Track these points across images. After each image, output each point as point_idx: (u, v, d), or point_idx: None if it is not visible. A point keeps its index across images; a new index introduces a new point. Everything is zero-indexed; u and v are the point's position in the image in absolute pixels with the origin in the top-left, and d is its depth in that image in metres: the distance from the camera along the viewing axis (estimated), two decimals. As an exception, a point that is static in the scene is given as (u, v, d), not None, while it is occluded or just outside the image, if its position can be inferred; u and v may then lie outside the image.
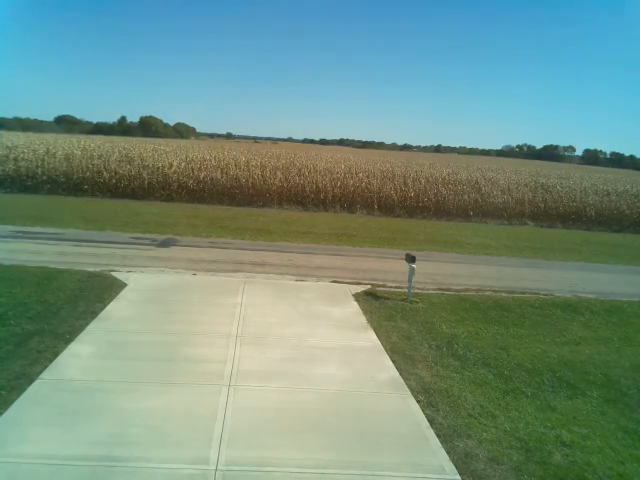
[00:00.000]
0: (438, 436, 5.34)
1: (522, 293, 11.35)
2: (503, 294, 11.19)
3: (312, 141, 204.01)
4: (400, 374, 6.74)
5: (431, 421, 5.63)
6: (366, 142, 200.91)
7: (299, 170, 26.91)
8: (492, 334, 8.68)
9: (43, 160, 24.67)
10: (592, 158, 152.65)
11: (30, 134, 46.08)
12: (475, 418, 5.81)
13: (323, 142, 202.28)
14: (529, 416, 5.98)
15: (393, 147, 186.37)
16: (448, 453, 5.05)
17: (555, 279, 13.17)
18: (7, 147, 27.47)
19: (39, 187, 23.15)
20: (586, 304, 10.85)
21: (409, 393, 6.24)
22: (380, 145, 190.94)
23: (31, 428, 4.95)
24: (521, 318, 9.64)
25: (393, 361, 7.14)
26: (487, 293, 11.19)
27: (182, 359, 6.67)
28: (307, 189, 24.56)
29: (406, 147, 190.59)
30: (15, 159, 24.71)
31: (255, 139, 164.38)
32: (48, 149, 27.53)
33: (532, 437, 5.51)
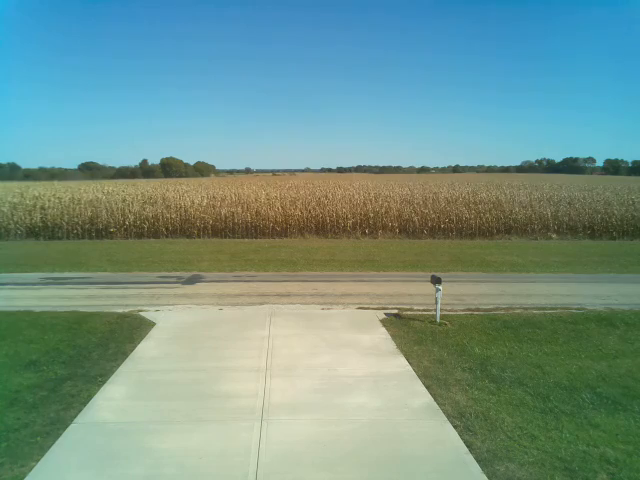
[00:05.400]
0: (478, 461, 5.19)
1: (553, 309, 11.11)
2: (534, 311, 10.97)
3: (329, 170, 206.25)
4: (434, 399, 6.62)
5: (470, 446, 5.48)
6: (383, 167, 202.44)
7: (318, 200, 27.13)
8: (525, 353, 8.49)
9: (69, 207, 25.33)
10: (613, 168, 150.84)
11: (55, 183, 47.55)
12: (515, 440, 5.65)
13: (340, 170, 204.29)
14: (570, 435, 5.79)
15: (410, 170, 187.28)
16: (489, 478, 4.90)
17: (586, 293, 12.88)
18: (34, 197, 28.37)
19: (66, 233, 23.74)
20: (621, 316, 10.55)
21: (445, 418, 6.11)
22: (397, 169, 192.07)
23: (68, 473, 4.98)
24: (554, 334, 9.42)
25: (426, 386, 7.02)
26: (517, 311, 10.99)
27: (213, 395, 6.65)
28: (327, 218, 24.68)
29: (424, 169, 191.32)
30: (42, 208, 25.44)
31: (273, 172, 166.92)
32: (73, 196, 28.35)
33: (575, 457, 5.32)
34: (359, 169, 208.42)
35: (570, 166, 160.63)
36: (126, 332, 9.29)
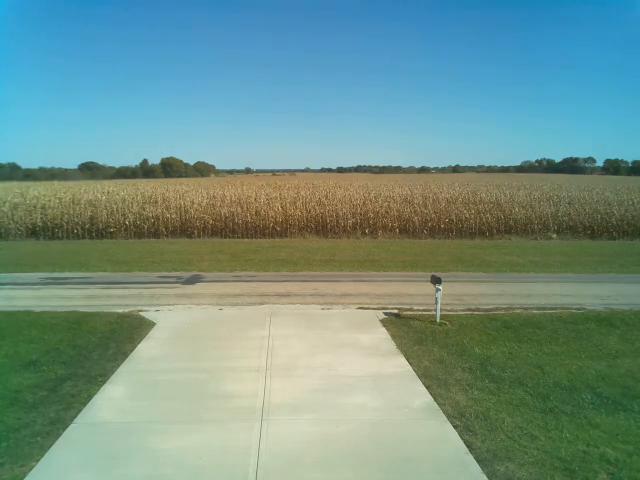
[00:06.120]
0: (478, 461, 5.19)
1: (553, 309, 11.11)
2: (534, 311, 10.97)
3: (329, 170, 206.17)
4: (434, 399, 6.61)
5: (469, 446, 5.48)
6: (383, 167, 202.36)
7: (318, 200, 27.13)
8: (525, 353, 8.49)
9: (69, 207, 25.34)
10: (613, 168, 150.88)
11: (55, 183, 47.49)
12: (515, 440, 5.65)
13: (340, 170, 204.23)
14: (570, 435, 5.79)
15: (410, 170, 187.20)
16: (489, 478, 4.90)
17: (586, 293, 12.88)
18: (35, 197, 28.35)
19: (66, 233, 23.75)
20: (620, 316, 10.55)
21: (445, 418, 6.11)
22: (397, 169, 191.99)
23: (68, 473, 4.97)
24: (554, 334, 9.42)
25: (426, 386, 7.02)
26: (517, 311, 10.99)
27: (213, 395, 6.65)
28: (327, 218, 24.70)
29: (424, 169, 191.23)
30: (42, 208, 25.45)
31: (273, 172, 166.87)
32: (73, 196, 28.32)
33: (575, 457, 5.32)
34: (359, 169, 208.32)
35: (570, 166, 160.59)
36: (126, 332, 9.29)
